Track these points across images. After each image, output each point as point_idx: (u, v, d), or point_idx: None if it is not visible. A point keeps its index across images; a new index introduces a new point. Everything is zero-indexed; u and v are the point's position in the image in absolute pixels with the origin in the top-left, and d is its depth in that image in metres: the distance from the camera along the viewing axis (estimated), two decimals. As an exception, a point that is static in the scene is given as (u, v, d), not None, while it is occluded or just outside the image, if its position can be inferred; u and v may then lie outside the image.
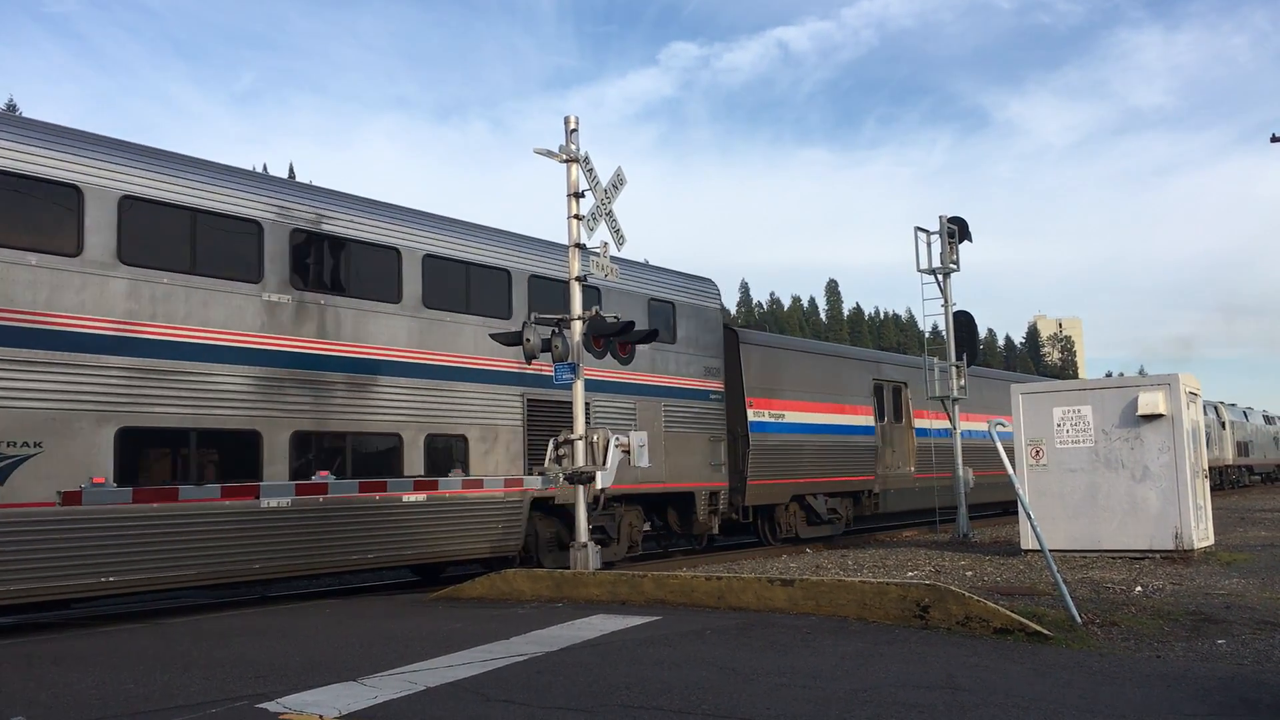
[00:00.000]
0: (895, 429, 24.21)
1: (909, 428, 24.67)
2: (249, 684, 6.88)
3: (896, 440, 24.15)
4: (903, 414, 24.60)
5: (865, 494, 22.60)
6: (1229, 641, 7.97)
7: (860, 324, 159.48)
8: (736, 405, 19.11)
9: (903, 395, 24.58)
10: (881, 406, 23.67)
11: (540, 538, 14.84)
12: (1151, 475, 14.36)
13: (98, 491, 10.10)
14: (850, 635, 8.41)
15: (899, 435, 24.31)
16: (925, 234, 20.19)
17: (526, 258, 15.23)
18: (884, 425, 23.65)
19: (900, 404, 24.57)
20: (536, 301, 14.98)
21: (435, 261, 13.90)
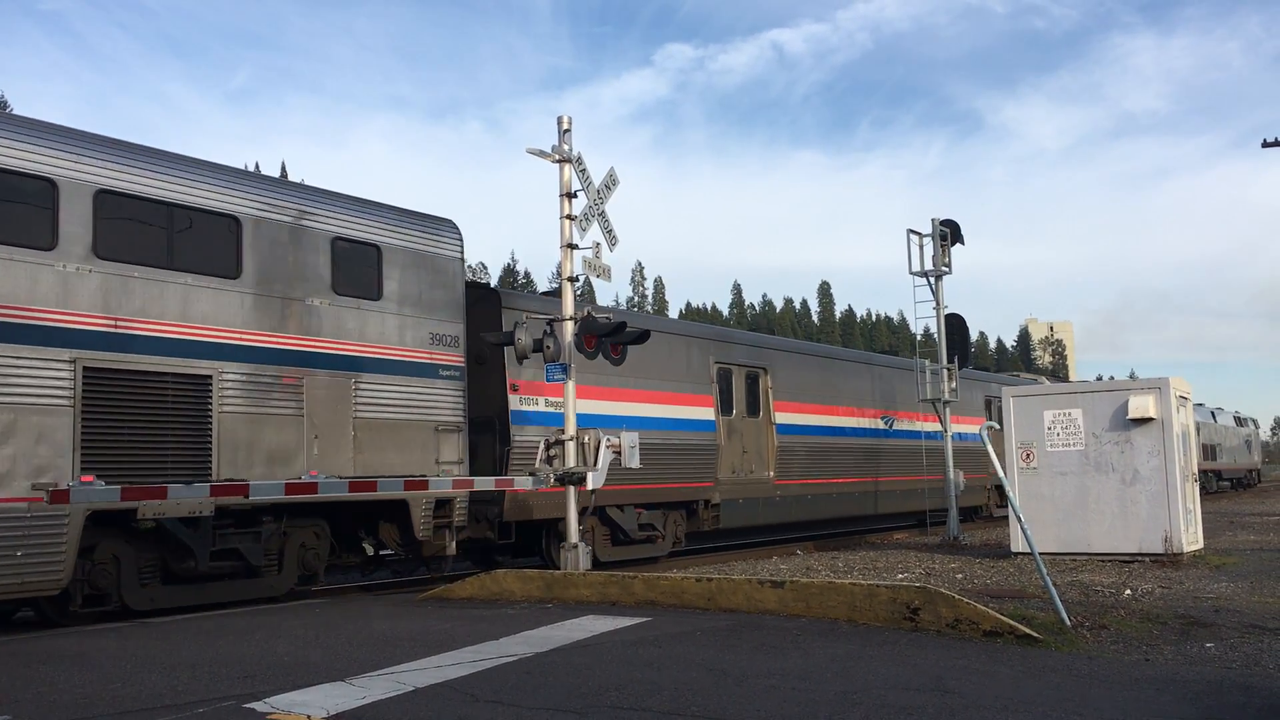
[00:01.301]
0: (748, 425, 19.67)
1: (768, 424, 20.08)
2: (236, 684, 6.85)
3: (749, 439, 19.60)
4: (760, 406, 20.05)
5: (702, 505, 18.28)
6: (1218, 645, 7.99)
7: (852, 326, 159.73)
8: (496, 389, 14.90)
9: (760, 384, 20.08)
10: (728, 396, 19.24)
11: (123, 569, 10.85)
12: (1141, 479, 14.40)
13: None
14: (840, 637, 8.41)
15: (753, 433, 19.76)
16: (918, 237, 20.23)
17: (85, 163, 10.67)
18: (730, 420, 19.10)
19: (756, 394, 20.03)
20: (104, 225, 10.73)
21: None
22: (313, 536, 12.46)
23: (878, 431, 23.92)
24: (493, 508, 14.49)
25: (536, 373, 14.53)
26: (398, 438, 13.07)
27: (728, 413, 19.04)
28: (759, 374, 20.18)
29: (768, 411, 20.12)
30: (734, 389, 19.41)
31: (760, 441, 19.91)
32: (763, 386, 20.17)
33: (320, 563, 12.59)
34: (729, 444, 19.01)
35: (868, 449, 23.40)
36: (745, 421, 19.59)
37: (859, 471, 22.78)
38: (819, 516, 21.71)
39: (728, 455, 18.86)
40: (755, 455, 19.70)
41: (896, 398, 24.51)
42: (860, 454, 23.05)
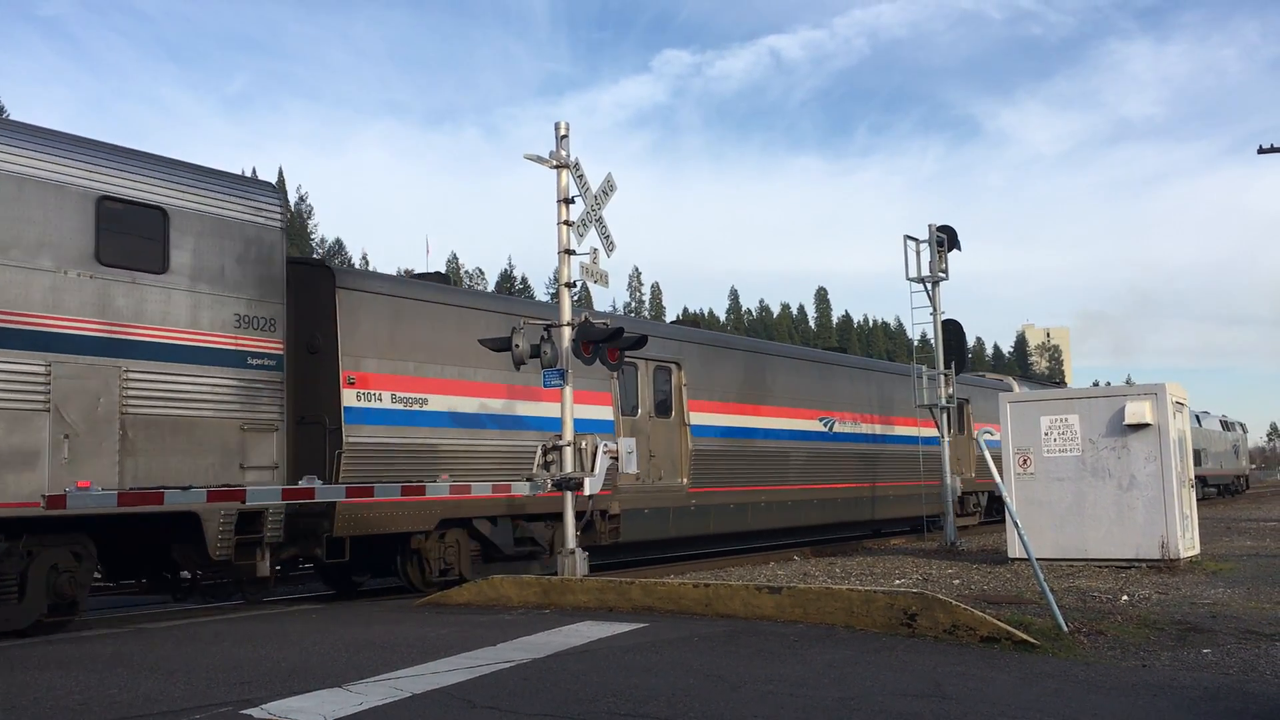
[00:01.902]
0: (657, 426, 17.58)
1: (681, 425, 17.95)
2: (234, 690, 6.84)
3: (659, 442, 17.62)
4: (672, 406, 18.00)
5: (598, 516, 15.63)
6: (1215, 651, 7.99)
7: (849, 332, 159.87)
8: (328, 381, 12.82)
9: (673, 380, 17.98)
10: (631, 394, 17.17)
11: None
12: (1138, 484, 14.41)
13: None
14: (838, 643, 8.41)
15: (663, 435, 17.75)
16: (915, 242, 20.25)
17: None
18: (635, 420, 17.09)
19: (668, 392, 17.99)
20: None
21: None
22: (69, 557, 10.28)
23: (820, 435, 21.80)
24: (323, 521, 12.27)
25: (381, 364, 13.09)
26: (188, 438, 10.99)
27: (630, 412, 16.96)
28: (671, 369, 18.00)
29: (681, 411, 17.99)
30: (639, 386, 17.23)
31: (672, 445, 17.82)
32: (675, 383, 17.99)
33: (80, 588, 10.39)
34: None
35: (808, 454, 21.20)
36: (654, 423, 17.44)
37: (796, 478, 20.63)
38: (746, 528, 19.36)
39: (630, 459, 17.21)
40: (666, 460, 17.58)
41: (844, 398, 22.73)
42: (799, 459, 20.86)
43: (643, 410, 17.32)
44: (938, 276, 20.25)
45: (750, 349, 21.57)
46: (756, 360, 20.73)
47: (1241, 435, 56.65)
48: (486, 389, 14.60)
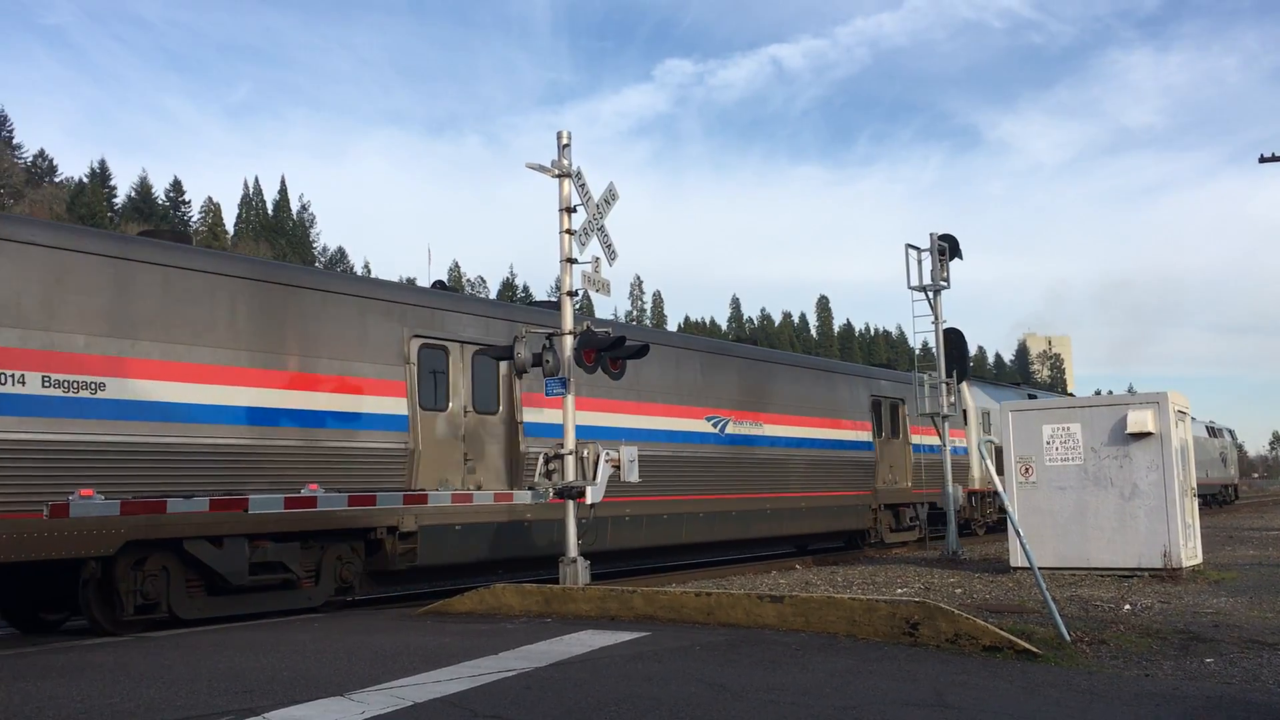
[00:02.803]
0: (476, 424, 14.66)
1: (511, 423, 15.18)
2: (235, 699, 6.83)
3: (477, 443, 14.63)
4: (500, 400, 15.10)
5: (388, 535, 13.19)
6: (1218, 660, 7.98)
7: (851, 340, 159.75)
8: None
9: (503, 368, 15.02)
10: (438, 385, 14.31)
11: None
12: (1140, 493, 14.40)
13: None
14: (840, 652, 8.39)
15: (485, 435, 14.80)
16: (916, 251, 20.27)
17: None
18: (444, 416, 14.23)
19: (494, 383, 15.09)
20: None
21: None
22: None
23: (706, 437, 18.63)
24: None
25: (27, 336, 10.36)
26: None
27: (436, 406, 14.12)
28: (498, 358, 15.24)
29: (512, 407, 15.15)
30: (451, 375, 14.37)
31: (500, 447, 14.92)
32: (503, 372, 15.14)
33: None
34: (437, 449, 13.94)
35: (690, 460, 18.22)
36: (473, 420, 14.58)
37: (674, 488, 17.54)
38: (606, 548, 15.92)
39: (434, 464, 13.85)
40: (490, 466, 14.75)
41: (745, 395, 19.94)
42: (677, 465, 17.94)
43: (455, 404, 14.39)
44: (939, 285, 20.28)
45: None
46: None
47: (1229, 442, 54.20)
48: (209, 373, 11.64)
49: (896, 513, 24.53)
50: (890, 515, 24.31)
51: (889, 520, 24.24)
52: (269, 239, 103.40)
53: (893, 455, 24.50)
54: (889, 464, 24.15)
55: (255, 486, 11.47)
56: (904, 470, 24.82)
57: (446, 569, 14.58)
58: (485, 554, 14.57)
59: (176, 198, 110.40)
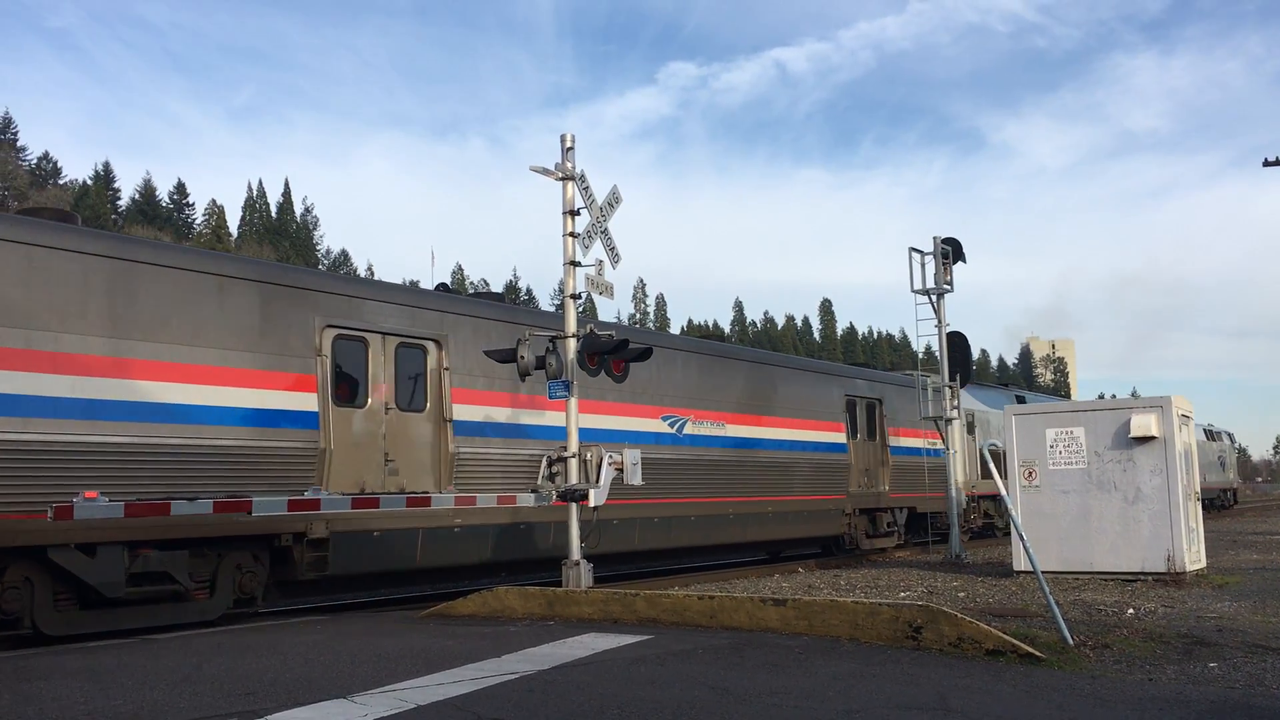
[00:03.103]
0: (400, 422, 13.64)
1: (441, 421, 14.02)
2: (238, 701, 6.84)
3: (402, 442, 13.60)
4: (427, 395, 14.05)
5: (295, 542, 12.20)
6: (1221, 665, 7.97)
7: (854, 343, 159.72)
8: None
9: (428, 362, 14.05)
10: (353, 379, 13.25)
11: None
12: (1144, 497, 14.38)
13: None
14: (843, 655, 8.39)
15: (410, 433, 13.74)
16: (919, 255, 20.27)
17: None
18: (361, 413, 13.18)
19: (421, 377, 14.07)
20: None
21: None
22: None
23: (661, 437, 17.47)
24: None
25: None
26: None
27: (351, 402, 13.13)
28: (425, 348, 14.09)
29: (441, 403, 14.02)
30: (370, 368, 13.35)
31: (426, 446, 13.87)
32: (433, 366, 14.03)
33: None
34: (352, 448, 12.91)
35: (643, 461, 17.90)
36: (396, 417, 13.58)
37: (628, 491, 15.63)
38: (545, 555, 14.96)
39: (349, 465, 12.81)
40: (415, 466, 13.69)
41: (704, 393, 18.60)
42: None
43: (375, 400, 13.34)
44: (942, 289, 20.27)
45: (549, 325, 16.10)
46: None
47: (1229, 446, 52.74)
48: (71, 363, 10.64)
49: (873, 518, 23.49)
50: (866, 520, 23.23)
51: (865, 525, 23.16)
52: (272, 242, 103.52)
53: (869, 458, 23.44)
54: (864, 467, 23.09)
55: (128, 490, 10.40)
56: (881, 473, 23.77)
57: (360, 579, 13.63)
58: (405, 562, 13.45)
59: (180, 200, 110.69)
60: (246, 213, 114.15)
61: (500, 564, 15.01)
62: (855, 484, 22.64)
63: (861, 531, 22.86)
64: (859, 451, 23.03)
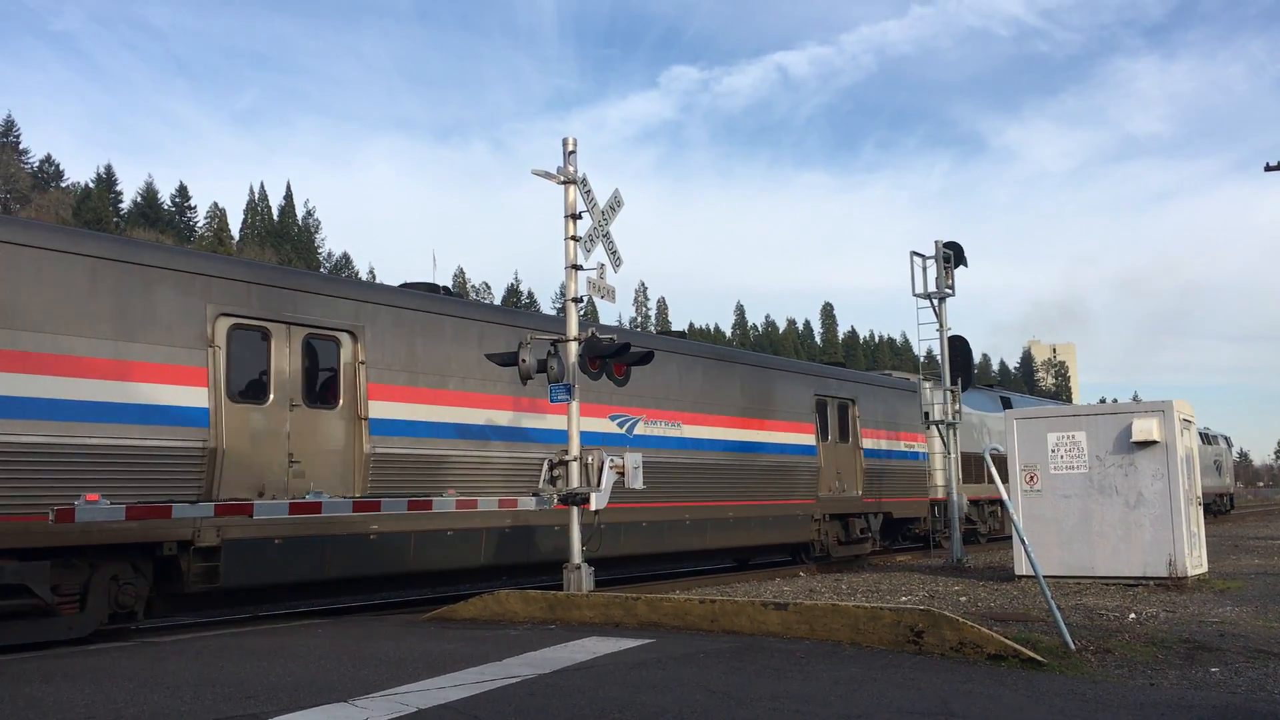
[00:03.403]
0: (307, 420, 12.56)
1: (353, 419, 12.94)
2: (239, 704, 6.84)
3: (309, 442, 12.54)
4: (338, 391, 12.94)
5: (185, 552, 11.23)
6: (1223, 670, 7.96)
7: (855, 347, 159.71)
8: None
9: (340, 355, 12.98)
10: (253, 372, 12.22)
11: None
12: (1145, 502, 14.37)
13: None
14: (844, 660, 8.38)
15: (321, 432, 12.70)
16: (921, 259, 20.28)
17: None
18: (260, 410, 12.13)
19: (331, 371, 12.96)
20: None
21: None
22: None
23: (609, 438, 16.35)
24: None
25: None
26: None
27: (250, 398, 12.07)
28: (339, 339, 13.01)
29: (354, 400, 13.02)
30: (274, 362, 12.34)
31: (337, 446, 12.83)
32: (345, 359, 13.04)
33: None
34: (250, 448, 11.90)
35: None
36: (303, 415, 12.49)
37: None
38: (474, 564, 14.17)
39: (245, 466, 11.79)
40: (322, 468, 12.58)
41: (657, 391, 17.41)
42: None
43: (276, 395, 12.30)
44: (944, 292, 20.28)
45: (481, 317, 15.40)
46: (492, 333, 14.89)
47: (1225, 450, 51.40)
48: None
49: (846, 524, 22.14)
50: (838, 526, 21.91)
51: (836, 532, 21.86)
52: (274, 245, 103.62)
53: (841, 460, 22.00)
54: (836, 470, 21.70)
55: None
56: (854, 477, 22.36)
57: (275, 590, 12.65)
58: (310, 573, 12.38)
59: (182, 203, 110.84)
60: (248, 216, 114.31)
61: (421, 575, 14.08)
62: (825, 488, 21.40)
63: (833, 538, 21.78)
64: (830, 454, 21.73)
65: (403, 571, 13.57)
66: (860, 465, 22.57)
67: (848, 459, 22.35)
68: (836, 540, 21.80)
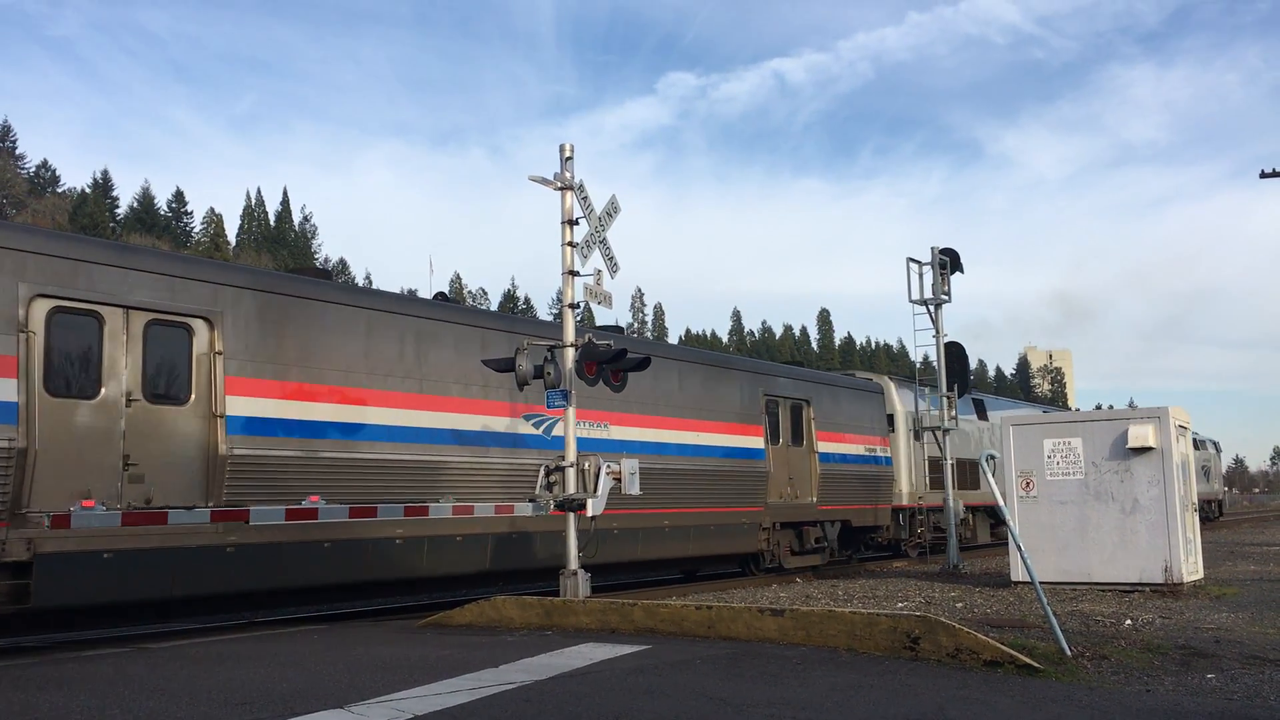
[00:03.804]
0: (148, 418, 11.19)
1: (209, 416, 11.58)
2: (235, 711, 6.83)
3: (155, 443, 11.17)
4: (191, 386, 11.56)
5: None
6: (1219, 676, 7.97)
7: (852, 353, 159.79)
8: None
9: (193, 344, 11.64)
10: (69, 360, 10.79)
11: None
12: (1141, 508, 14.39)
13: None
14: (841, 666, 8.38)
15: (165, 432, 11.27)
16: (917, 265, 20.32)
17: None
18: (97, 405, 10.85)
19: (181, 362, 11.56)
20: None
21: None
22: None
23: (522, 439, 14.85)
24: None
25: None
26: None
27: (75, 392, 10.73)
28: (189, 327, 11.62)
29: (210, 396, 11.63)
30: (106, 351, 10.99)
31: (186, 448, 11.38)
32: (199, 349, 11.67)
33: None
34: (72, 449, 10.57)
35: (493, 470, 14.47)
36: (142, 411, 11.13)
37: (483, 501, 13.62)
38: (362, 578, 12.98)
39: (65, 469, 10.43)
40: (165, 470, 11.15)
41: (581, 389, 14.05)
42: (481, 475, 14.34)
43: (113, 390, 10.97)
44: (940, 299, 20.32)
45: (371, 305, 13.80)
46: (381, 323, 13.56)
47: (1213, 455, 50.30)
48: None
49: (800, 532, 20.97)
50: (791, 535, 20.73)
51: (789, 541, 20.66)
52: (270, 250, 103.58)
53: (793, 465, 20.69)
54: (788, 475, 20.40)
55: None
56: (807, 483, 21.03)
57: (104, 610, 11.38)
58: (155, 590, 11.08)
59: (179, 208, 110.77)
60: (245, 221, 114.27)
61: (304, 591, 12.93)
62: (776, 494, 20.03)
63: (785, 548, 20.54)
64: (781, 458, 20.32)
65: (275, 587, 12.26)
66: (815, 470, 21.24)
67: (801, 463, 21.03)
68: (789, 550, 20.73)
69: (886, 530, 24.23)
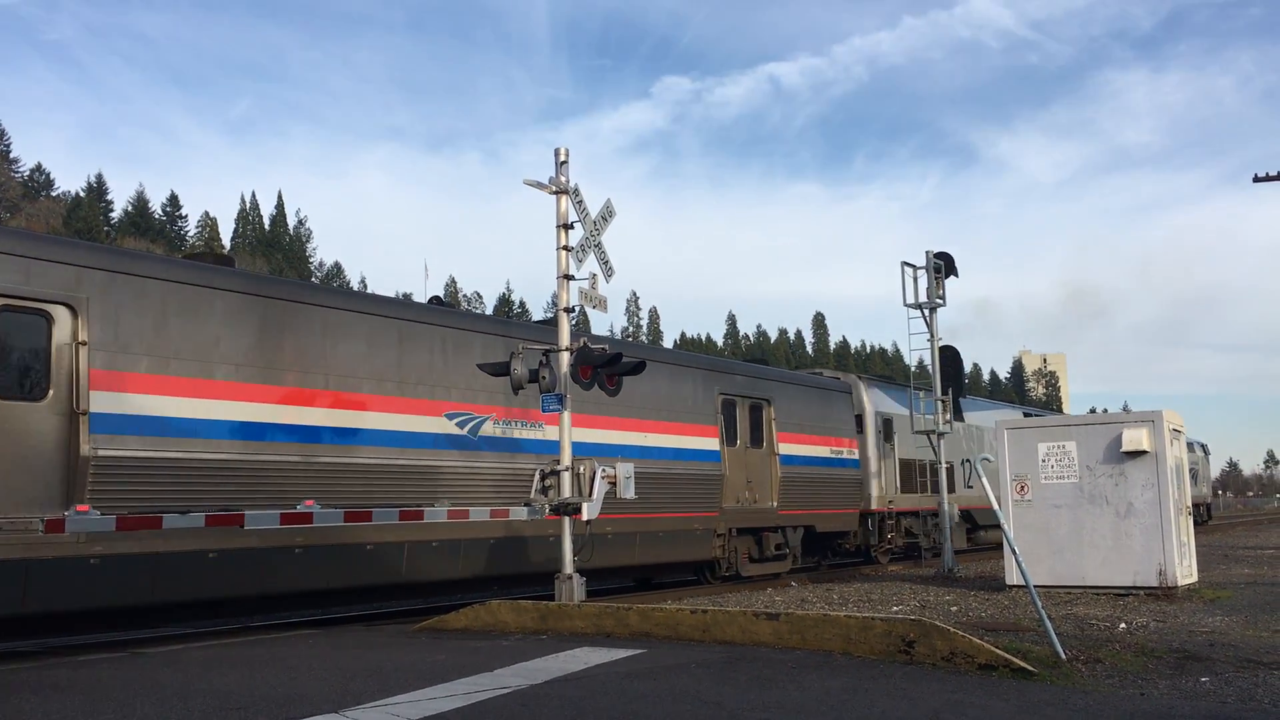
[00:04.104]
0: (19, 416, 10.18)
1: (69, 414, 10.44)
2: (229, 716, 6.81)
3: (5, 449, 10.04)
4: (46, 377, 10.47)
5: None
6: (1213, 679, 7.98)
7: (847, 357, 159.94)
8: None
9: (54, 334, 10.57)
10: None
11: None
12: (1135, 512, 14.41)
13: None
14: (836, 670, 8.38)
15: (11, 428, 10.10)
16: (912, 269, 20.35)
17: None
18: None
19: (45, 356, 10.43)
20: None
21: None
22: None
23: (444, 440, 14.02)
24: None
25: None
26: None
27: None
28: (47, 314, 10.51)
29: (71, 391, 10.49)
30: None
31: (42, 450, 10.28)
32: (59, 339, 10.52)
33: None
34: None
35: (412, 470, 13.51)
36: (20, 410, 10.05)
37: (398, 506, 12.91)
38: (257, 590, 12.01)
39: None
40: (14, 472, 10.00)
41: (505, 385, 13.59)
42: (398, 477, 13.33)
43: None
44: (935, 302, 20.35)
45: (276, 295, 12.78)
46: (278, 312, 12.55)
47: (1202, 457, 49.76)
48: None
49: (759, 539, 20.01)
50: (750, 541, 19.75)
51: (747, 548, 19.67)
52: (265, 254, 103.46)
53: (751, 468, 19.64)
54: (745, 478, 19.34)
55: None
56: (767, 487, 19.98)
57: None
58: (13, 606, 10.07)
59: (173, 212, 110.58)
60: (239, 225, 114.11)
61: (192, 604, 11.90)
62: (732, 499, 19.02)
63: (743, 555, 19.57)
64: (737, 461, 19.25)
65: (152, 603, 11.17)
66: (776, 473, 20.17)
67: (760, 466, 19.89)
68: (747, 557, 19.73)
69: (854, 536, 23.45)
